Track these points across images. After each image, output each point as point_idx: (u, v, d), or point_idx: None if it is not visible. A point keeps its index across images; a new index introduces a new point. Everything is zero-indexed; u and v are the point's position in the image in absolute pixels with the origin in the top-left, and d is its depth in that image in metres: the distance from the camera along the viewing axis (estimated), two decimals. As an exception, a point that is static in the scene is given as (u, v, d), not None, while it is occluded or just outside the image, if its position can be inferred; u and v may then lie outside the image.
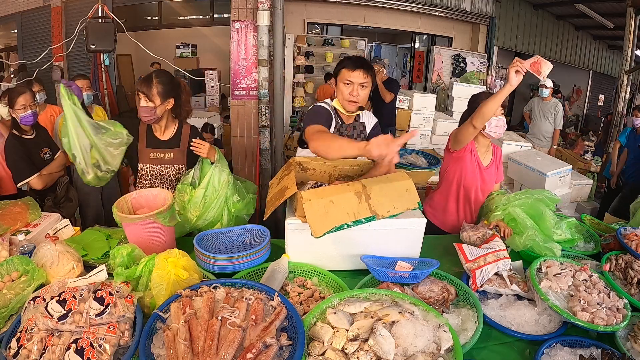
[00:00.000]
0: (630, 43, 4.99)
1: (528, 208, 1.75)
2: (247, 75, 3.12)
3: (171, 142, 1.97)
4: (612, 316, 1.25)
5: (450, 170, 2.04)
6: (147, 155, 1.94)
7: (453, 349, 1.02)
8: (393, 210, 1.41)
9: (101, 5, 3.90)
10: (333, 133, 1.80)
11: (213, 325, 1.02)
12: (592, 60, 9.30)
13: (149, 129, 1.96)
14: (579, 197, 3.57)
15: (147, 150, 1.94)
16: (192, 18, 7.17)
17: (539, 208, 1.74)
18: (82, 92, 2.96)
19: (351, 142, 1.36)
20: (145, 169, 1.95)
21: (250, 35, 3.05)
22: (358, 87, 1.72)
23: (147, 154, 1.94)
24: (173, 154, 1.96)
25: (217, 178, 1.80)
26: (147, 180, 1.96)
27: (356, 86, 1.72)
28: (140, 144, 1.94)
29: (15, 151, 2.19)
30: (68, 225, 1.76)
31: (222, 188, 1.80)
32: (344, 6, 6.80)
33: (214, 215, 1.80)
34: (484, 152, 2.05)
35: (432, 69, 7.38)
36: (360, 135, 1.90)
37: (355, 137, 1.88)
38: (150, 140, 1.95)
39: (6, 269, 1.32)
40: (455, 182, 2.03)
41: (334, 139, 1.49)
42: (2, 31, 6.50)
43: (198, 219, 1.78)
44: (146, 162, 1.95)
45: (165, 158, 1.95)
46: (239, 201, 1.86)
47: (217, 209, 1.80)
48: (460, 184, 2.02)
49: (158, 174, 1.96)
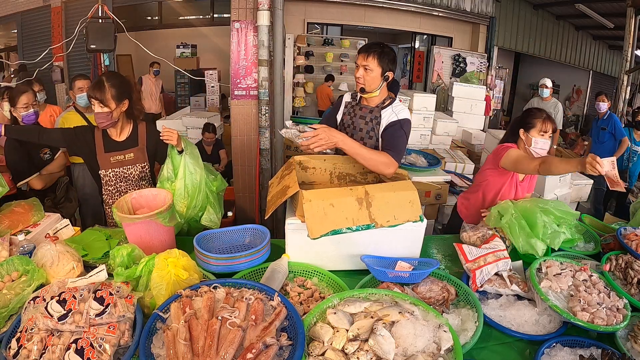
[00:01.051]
0: (630, 43, 4.99)
1: (523, 211, 1.71)
2: (247, 75, 3.12)
3: (129, 142, 1.96)
4: (612, 316, 1.25)
5: (491, 181, 2.08)
6: (107, 161, 1.93)
7: (453, 349, 1.02)
8: (393, 220, 1.40)
9: (101, 5, 3.90)
10: (343, 110, 2.02)
11: (213, 325, 1.02)
12: (592, 60, 9.29)
13: (104, 134, 1.95)
14: (579, 197, 3.57)
15: (107, 155, 1.93)
16: (192, 18, 7.17)
17: (535, 215, 1.68)
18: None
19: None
20: (109, 175, 1.94)
21: (250, 35, 3.04)
22: (361, 69, 1.84)
23: (107, 159, 1.93)
24: (133, 153, 1.96)
25: (191, 164, 1.79)
26: (112, 186, 1.95)
27: (360, 68, 1.85)
28: (99, 150, 1.93)
29: (15, 151, 2.18)
30: (68, 225, 1.76)
31: (198, 172, 1.80)
32: (344, 6, 6.79)
33: (202, 199, 1.82)
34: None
35: (432, 69, 7.37)
36: (373, 121, 1.91)
37: (367, 120, 1.92)
38: (107, 144, 1.94)
39: (6, 269, 1.32)
40: (494, 193, 2.08)
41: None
42: (2, 31, 6.50)
43: (188, 208, 1.78)
44: (108, 167, 1.94)
45: (126, 159, 1.95)
46: (214, 179, 1.89)
47: (202, 193, 1.81)
48: (497, 195, 2.07)
49: (122, 176, 1.95)
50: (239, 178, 3.34)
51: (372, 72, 1.81)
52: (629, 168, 4.32)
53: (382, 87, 1.87)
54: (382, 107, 1.90)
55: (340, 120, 2.03)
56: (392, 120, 1.86)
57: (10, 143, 2.19)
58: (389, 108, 1.90)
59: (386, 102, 1.91)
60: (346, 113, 2.01)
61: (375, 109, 1.91)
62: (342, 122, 2.02)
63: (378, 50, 1.81)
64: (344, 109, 2.02)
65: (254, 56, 3.07)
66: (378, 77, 1.83)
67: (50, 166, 2.35)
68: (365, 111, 1.93)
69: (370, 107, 1.93)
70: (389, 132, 1.85)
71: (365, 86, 1.85)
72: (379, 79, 1.84)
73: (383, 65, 1.82)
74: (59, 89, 5.16)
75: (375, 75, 1.83)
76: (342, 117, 2.02)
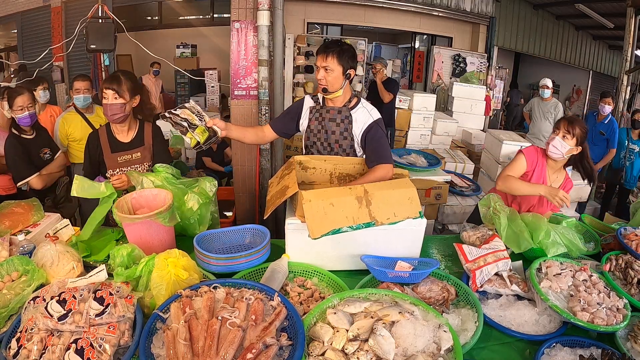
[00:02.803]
0: (630, 43, 4.98)
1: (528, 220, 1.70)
2: (247, 75, 3.12)
3: (135, 142, 1.98)
4: (612, 316, 1.25)
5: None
6: (114, 161, 1.94)
7: (453, 349, 1.02)
8: (393, 217, 1.41)
9: (101, 5, 3.90)
10: (308, 115, 1.97)
11: (213, 326, 1.02)
12: (592, 60, 9.28)
13: (109, 135, 1.96)
14: (579, 197, 3.57)
15: (113, 155, 1.94)
16: (192, 18, 7.16)
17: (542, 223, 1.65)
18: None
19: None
20: (116, 175, 1.92)
21: (250, 35, 3.04)
22: (322, 71, 1.81)
23: (114, 159, 1.94)
24: (140, 152, 1.98)
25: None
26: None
27: (320, 70, 1.82)
28: (105, 151, 1.93)
29: (15, 151, 2.18)
30: (68, 225, 1.76)
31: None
32: (344, 6, 6.78)
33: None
34: (554, 177, 2.04)
35: (432, 69, 7.36)
36: (345, 121, 1.89)
37: (338, 121, 1.90)
38: (113, 144, 1.95)
39: (6, 269, 1.32)
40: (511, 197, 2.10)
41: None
42: (2, 31, 6.50)
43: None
44: (115, 167, 1.95)
45: (134, 158, 1.97)
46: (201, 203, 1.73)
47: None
48: (515, 200, 2.10)
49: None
50: (238, 178, 3.34)
51: (333, 72, 1.79)
52: (626, 167, 4.34)
53: (344, 86, 1.85)
54: (350, 107, 1.89)
55: (307, 126, 1.97)
56: (369, 122, 1.86)
57: (10, 143, 2.19)
58: (360, 108, 1.89)
59: (352, 100, 1.90)
60: (312, 119, 1.96)
61: (343, 109, 1.90)
62: (309, 128, 1.97)
63: (337, 49, 1.79)
64: (309, 115, 1.96)
65: (254, 56, 3.07)
66: (340, 76, 1.81)
67: (50, 166, 2.34)
68: (334, 113, 1.90)
69: (337, 107, 1.91)
70: (371, 136, 1.84)
71: (328, 87, 1.83)
72: (340, 78, 1.82)
73: (343, 64, 1.80)
74: (59, 89, 5.16)
75: (337, 75, 1.81)
76: (309, 124, 1.97)
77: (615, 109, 4.79)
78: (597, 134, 4.20)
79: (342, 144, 1.90)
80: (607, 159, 4.19)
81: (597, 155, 4.20)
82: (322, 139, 1.93)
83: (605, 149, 4.18)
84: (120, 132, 1.96)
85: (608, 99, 4.13)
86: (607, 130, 4.13)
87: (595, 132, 4.21)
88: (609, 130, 4.12)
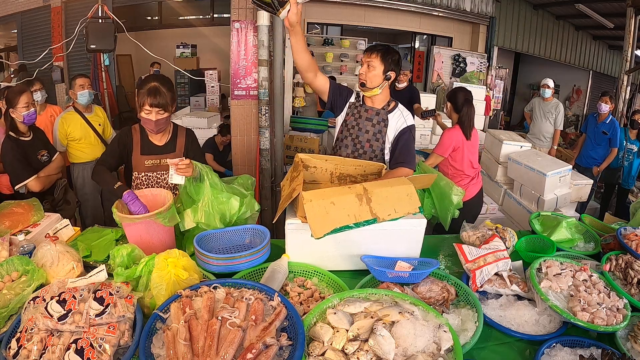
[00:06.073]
0: (630, 43, 4.98)
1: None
2: (247, 75, 3.12)
3: (167, 147, 1.89)
4: (612, 316, 1.25)
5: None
6: (142, 163, 1.85)
7: (453, 349, 1.02)
8: (394, 213, 1.41)
9: (101, 5, 3.90)
10: (347, 110, 2.01)
11: (213, 326, 1.02)
12: (592, 60, 9.28)
13: (143, 135, 1.86)
14: (579, 197, 3.57)
15: (142, 157, 1.84)
16: (192, 18, 7.16)
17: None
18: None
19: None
20: (141, 178, 1.86)
21: (250, 35, 3.04)
22: (365, 66, 1.88)
23: (142, 162, 1.85)
24: (169, 159, 1.87)
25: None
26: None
27: (364, 65, 1.89)
28: (135, 151, 1.84)
29: (12, 153, 2.15)
30: (68, 225, 1.76)
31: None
32: (344, 6, 6.78)
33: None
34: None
35: (432, 69, 7.36)
36: (380, 124, 1.95)
37: (374, 122, 1.95)
38: (145, 146, 1.85)
39: (6, 269, 1.32)
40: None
41: None
42: (2, 31, 6.49)
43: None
44: (141, 170, 1.85)
45: (162, 164, 1.86)
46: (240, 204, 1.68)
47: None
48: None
49: (155, 181, 1.87)
50: (238, 178, 3.34)
51: (374, 69, 1.86)
52: (623, 167, 4.35)
53: (383, 86, 1.90)
54: (388, 111, 1.95)
55: (344, 121, 2.02)
56: (403, 127, 1.92)
57: (8, 145, 2.17)
58: (397, 112, 1.95)
59: (391, 104, 1.96)
60: (350, 114, 2.00)
61: (381, 112, 1.95)
62: (345, 123, 2.02)
63: (383, 49, 1.87)
64: (348, 110, 2.02)
65: (254, 56, 3.07)
66: (380, 74, 1.87)
67: (48, 168, 2.32)
68: (372, 113, 1.95)
69: (375, 109, 1.95)
70: (403, 140, 1.92)
71: (367, 82, 1.89)
72: (380, 76, 1.87)
73: (385, 64, 1.86)
74: (59, 89, 5.15)
75: (377, 73, 1.86)
76: (346, 118, 2.02)
77: (615, 109, 4.79)
78: (599, 135, 4.21)
79: (373, 144, 1.95)
80: (610, 158, 4.21)
81: (600, 156, 4.23)
82: (354, 135, 1.97)
83: (607, 149, 4.19)
84: (155, 135, 1.87)
85: (605, 98, 4.18)
86: (610, 130, 4.14)
87: (597, 132, 4.23)
88: (612, 130, 4.13)
